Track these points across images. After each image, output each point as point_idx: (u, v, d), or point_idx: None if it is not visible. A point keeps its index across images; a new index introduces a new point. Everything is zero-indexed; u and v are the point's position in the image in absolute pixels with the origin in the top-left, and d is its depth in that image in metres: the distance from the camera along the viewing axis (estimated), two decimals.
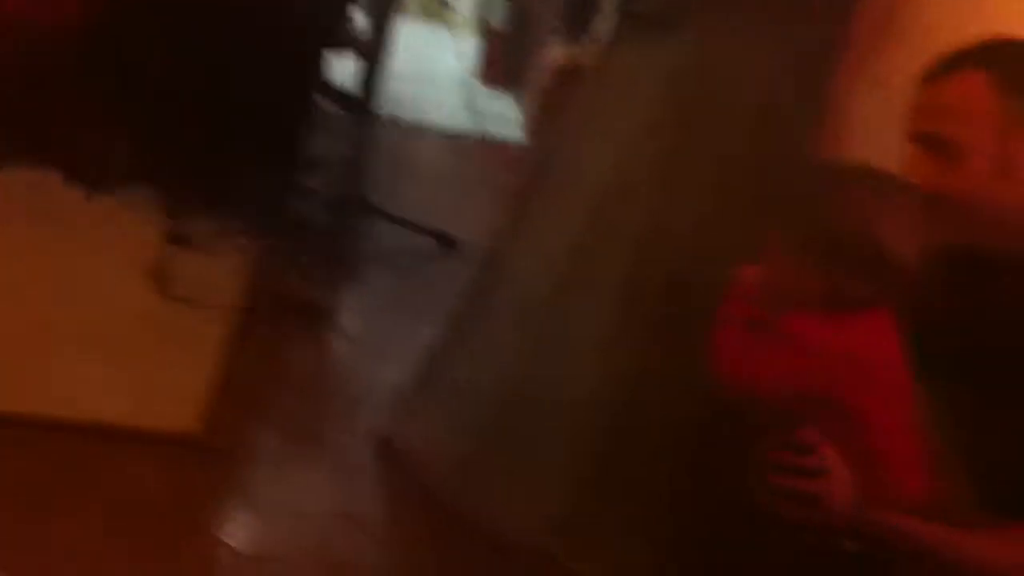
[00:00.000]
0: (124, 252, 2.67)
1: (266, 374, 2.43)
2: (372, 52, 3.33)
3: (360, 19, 3.44)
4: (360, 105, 3.39)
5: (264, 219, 2.92)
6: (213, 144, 2.91)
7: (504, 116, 4.52)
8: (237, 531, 1.94)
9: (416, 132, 4.23)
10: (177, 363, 2.31)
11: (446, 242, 3.22)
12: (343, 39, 3.34)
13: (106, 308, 2.44)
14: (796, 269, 1.26)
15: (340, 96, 3.54)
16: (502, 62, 4.90)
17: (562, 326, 2.05)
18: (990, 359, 1.30)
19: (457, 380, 2.16)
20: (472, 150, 4.24)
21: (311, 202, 3.14)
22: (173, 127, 2.89)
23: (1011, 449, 1.28)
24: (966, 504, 1.31)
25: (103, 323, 2.39)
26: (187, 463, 2.04)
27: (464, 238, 3.19)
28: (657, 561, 1.98)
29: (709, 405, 1.84)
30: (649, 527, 2.00)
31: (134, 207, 2.86)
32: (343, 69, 3.51)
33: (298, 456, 2.19)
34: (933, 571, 1.28)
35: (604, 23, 2.37)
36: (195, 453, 2.06)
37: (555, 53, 3.07)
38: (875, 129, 1.84)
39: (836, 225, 1.24)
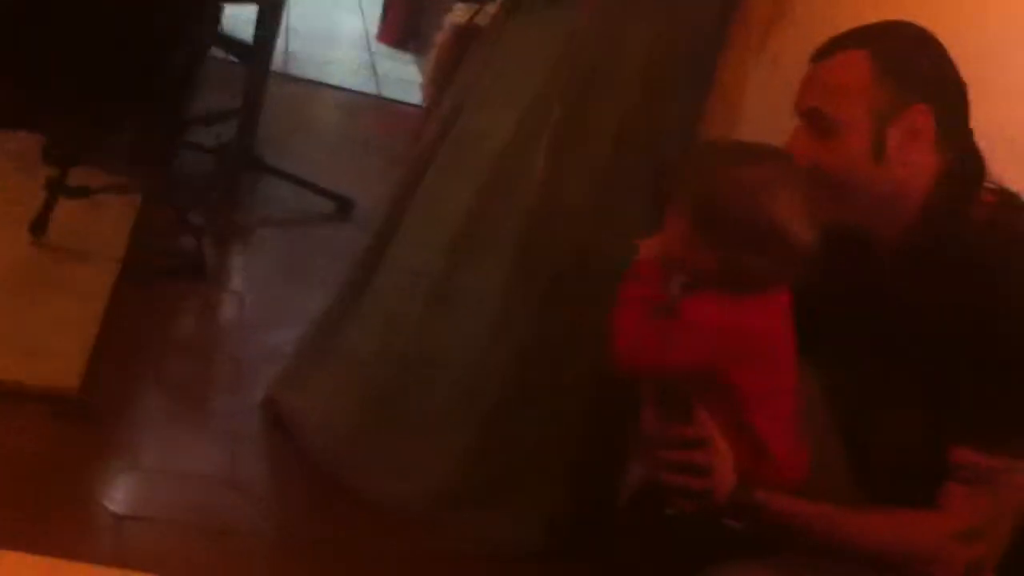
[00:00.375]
0: (1, 201, 2.57)
1: (150, 333, 2.37)
2: (270, 3, 3.25)
3: None
4: (255, 57, 3.31)
5: (151, 171, 2.84)
6: (97, 90, 2.80)
7: (404, 78, 4.48)
8: (116, 493, 1.90)
9: (314, 91, 4.16)
10: (55, 317, 2.24)
11: (341, 204, 3.17)
12: None
13: None
14: (691, 245, 1.27)
15: (235, 47, 3.45)
16: (403, 23, 4.85)
17: (454, 293, 2.04)
18: (871, 344, 1.33)
19: (346, 346, 2.13)
20: (370, 111, 4.19)
21: (201, 156, 3.07)
22: (56, 71, 2.78)
23: (889, 433, 1.31)
24: (846, 486, 1.34)
25: None
26: (65, 422, 1.98)
27: (359, 201, 3.16)
28: (541, 533, 2.00)
29: (599, 378, 1.87)
30: (535, 499, 2.02)
31: (14, 155, 2.76)
32: (240, 20, 3.42)
33: (181, 418, 2.15)
34: (813, 550, 1.31)
35: None
36: (74, 411, 1.99)
37: (453, 14, 3.04)
38: (766, 106, 1.86)
39: (727, 201, 1.24)
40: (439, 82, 3.13)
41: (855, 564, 1.29)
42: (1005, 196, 1.34)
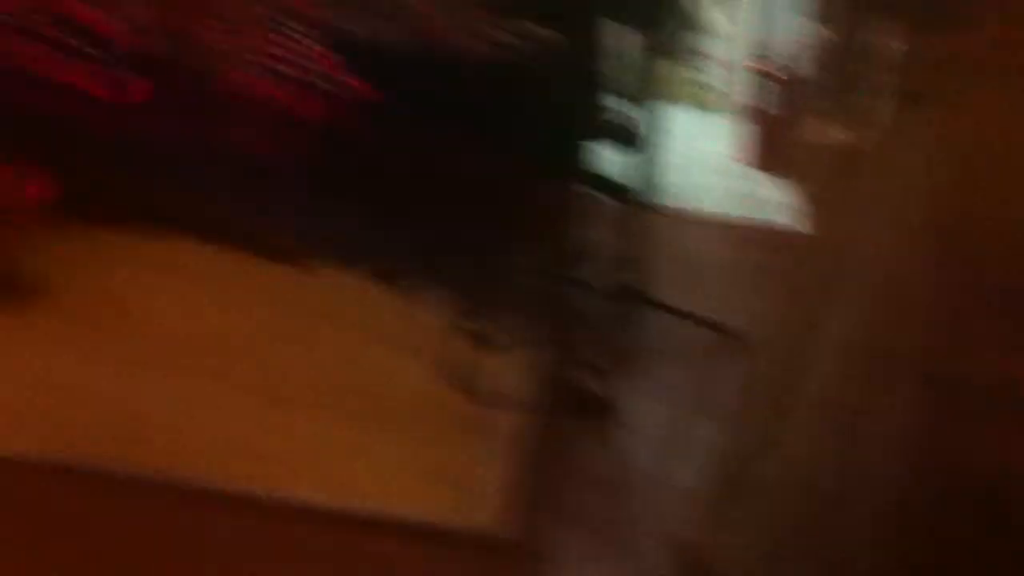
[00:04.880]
0: (411, 344, 2.75)
1: (556, 470, 2.46)
2: (636, 140, 3.37)
3: (622, 107, 3.49)
4: (627, 194, 3.44)
5: (543, 312, 2.99)
6: (486, 239, 3.01)
7: (773, 200, 4.47)
8: None
9: (684, 219, 4.25)
10: (469, 457, 2.36)
11: (725, 333, 3.19)
12: (604, 129, 3.40)
13: (393, 397, 2.54)
14: None
15: (607, 184, 3.60)
16: (768, 144, 4.86)
17: (867, 424, 1.99)
18: None
19: (758, 480, 2.12)
20: (744, 236, 4.21)
21: (587, 294, 3.19)
22: (448, 224, 3.00)
23: None
24: None
25: (389, 412, 2.47)
26: (492, 562, 2.07)
27: (741, 327, 3.16)
28: None
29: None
30: None
31: (419, 301, 2.97)
32: (609, 158, 3.57)
33: (600, 557, 2.20)
34: None
35: (873, 101, 2.32)
36: (500, 551, 2.09)
37: (822, 133, 3.02)
38: None
39: None
40: (815, 203, 3.11)
41: None
42: None
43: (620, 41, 3.39)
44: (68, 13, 2.84)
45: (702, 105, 5.96)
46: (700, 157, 5.11)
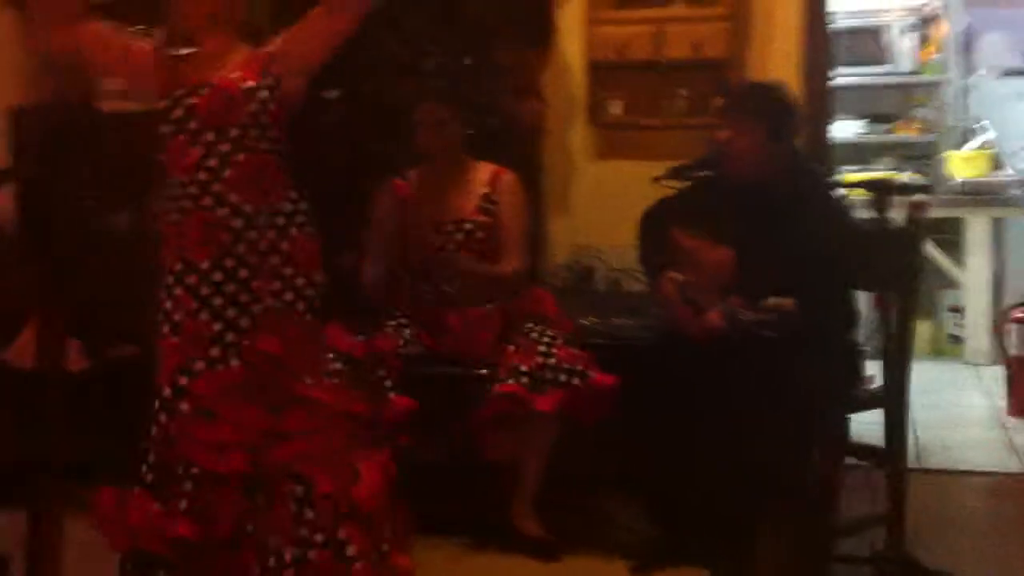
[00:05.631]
0: None
1: None
2: (891, 402, 3.31)
3: (874, 371, 3.46)
4: (890, 458, 3.34)
5: None
6: (742, 510, 2.99)
7: None
8: None
9: (951, 479, 4.07)
10: None
11: None
12: (861, 398, 3.36)
13: None
14: None
15: (867, 451, 3.52)
16: None
17: None
18: None
19: None
20: (1015, 492, 3.98)
21: (856, 567, 3.09)
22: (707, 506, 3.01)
23: None
24: None
25: None
26: None
27: None
28: None
29: None
30: None
31: None
32: (864, 423, 3.51)
33: None
34: None
35: None
36: None
37: None
38: None
39: None
40: None
41: None
42: None
43: (871, 303, 3.42)
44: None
45: (959, 358, 5.80)
46: (959, 412, 4.93)
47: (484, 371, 3.30)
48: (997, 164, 5.92)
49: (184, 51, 2.80)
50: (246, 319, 2.72)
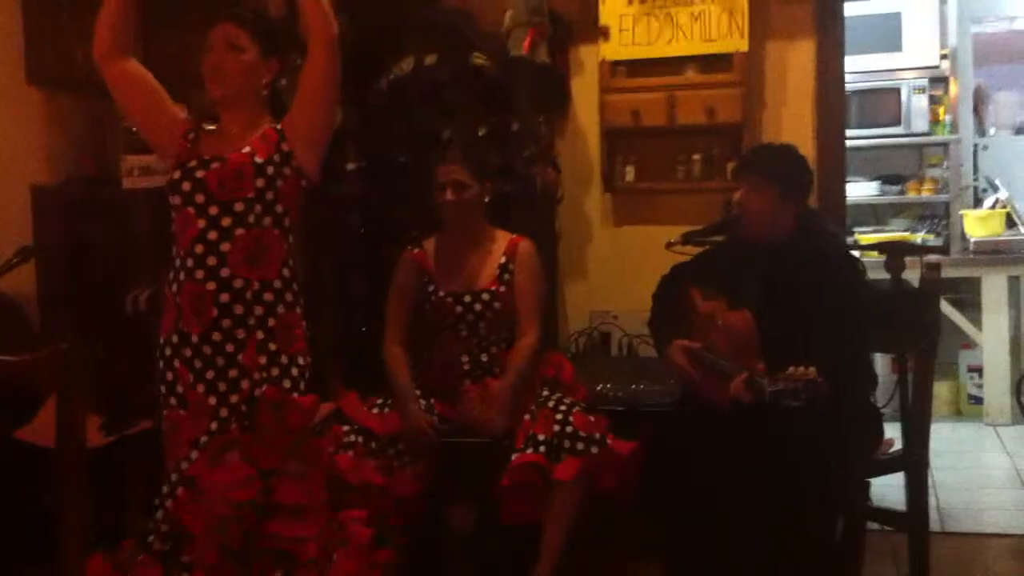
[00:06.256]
0: None
1: None
2: (912, 465, 3.29)
3: (893, 434, 3.44)
4: (912, 521, 3.32)
5: None
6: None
7: None
8: None
9: (975, 542, 4.02)
10: None
11: None
12: (882, 462, 3.34)
13: None
14: None
15: (888, 515, 3.50)
16: None
17: None
18: None
19: None
20: None
21: None
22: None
23: None
24: None
25: None
26: None
27: None
28: None
29: None
30: None
31: None
32: (884, 486, 3.49)
33: None
34: None
35: None
36: None
37: None
38: None
39: None
40: None
41: None
42: None
43: (890, 365, 3.41)
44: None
45: (979, 418, 5.76)
46: (983, 476, 4.88)
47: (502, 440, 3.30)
48: (1011, 222, 5.93)
49: (207, 127, 2.86)
50: (235, 395, 2.74)
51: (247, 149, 2.79)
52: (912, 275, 3.25)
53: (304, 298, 2.90)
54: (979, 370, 5.84)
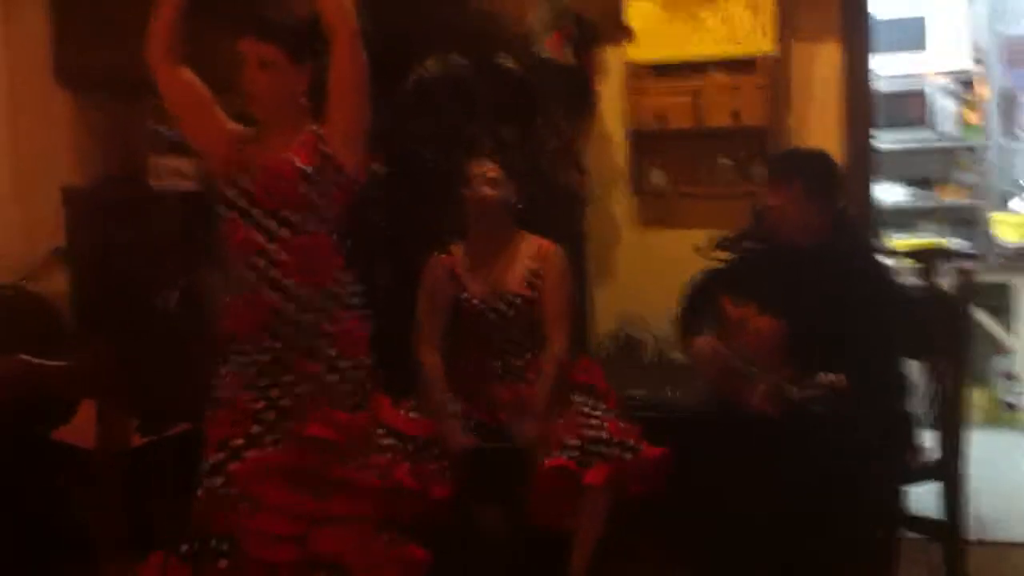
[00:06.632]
0: None
1: None
2: (948, 473, 3.25)
3: (929, 442, 3.40)
4: (949, 531, 3.28)
5: None
6: None
7: None
8: None
9: (1013, 552, 3.97)
10: None
11: None
12: (917, 470, 3.30)
13: None
14: None
15: (925, 524, 3.46)
16: None
17: None
18: None
19: None
20: None
21: None
22: None
23: None
24: None
25: None
26: None
27: None
28: None
29: None
30: None
31: None
32: (922, 494, 3.45)
33: None
34: None
35: None
36: None
37: None
38: None
39: None
40: None
41: None
42: None
43: (922, 372, 3.37)
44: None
45: (1015, 426, 5.69)
46: (1020, 481, 4.81)
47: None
48: None
49: (250, 135, 2.86)
50: (288, 399, 2.73)
51: (290, 156, 2.78)
52: (945, 281, 3.21)
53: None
54: (1013, 377, 5.76)
